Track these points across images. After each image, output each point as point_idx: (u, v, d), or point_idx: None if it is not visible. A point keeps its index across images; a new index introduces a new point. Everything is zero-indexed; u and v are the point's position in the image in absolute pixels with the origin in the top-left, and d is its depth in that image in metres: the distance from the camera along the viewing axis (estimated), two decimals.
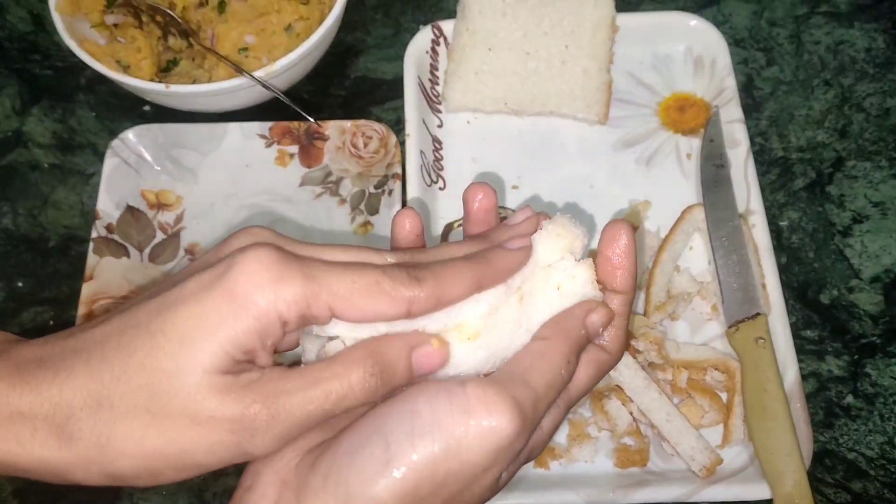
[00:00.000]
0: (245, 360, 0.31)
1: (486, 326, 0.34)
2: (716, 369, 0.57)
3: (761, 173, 0.65)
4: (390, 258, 0.34)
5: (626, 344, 0.39)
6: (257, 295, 0.30)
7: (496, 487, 0.35)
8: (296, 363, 0.34)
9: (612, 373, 0.56)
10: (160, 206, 0.65)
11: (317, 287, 0.31)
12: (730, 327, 0.58)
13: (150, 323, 0.31)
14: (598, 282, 0.37)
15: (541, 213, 0.38)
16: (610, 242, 0.37)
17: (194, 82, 0.64)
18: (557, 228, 0.37)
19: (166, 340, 0.30)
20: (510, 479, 0.36)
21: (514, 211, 0.39)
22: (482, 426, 0.31)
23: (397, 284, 0.32)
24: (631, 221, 0.63)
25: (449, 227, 0.64)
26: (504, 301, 0.35)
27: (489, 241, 0.37)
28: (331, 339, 0.33)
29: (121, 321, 0.31)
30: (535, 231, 0.37)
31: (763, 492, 0.53)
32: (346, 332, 0.33)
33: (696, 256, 0.63)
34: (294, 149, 0.67)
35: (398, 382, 0.33)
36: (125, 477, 0.31)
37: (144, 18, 0.66)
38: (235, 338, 0.30)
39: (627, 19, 0.70)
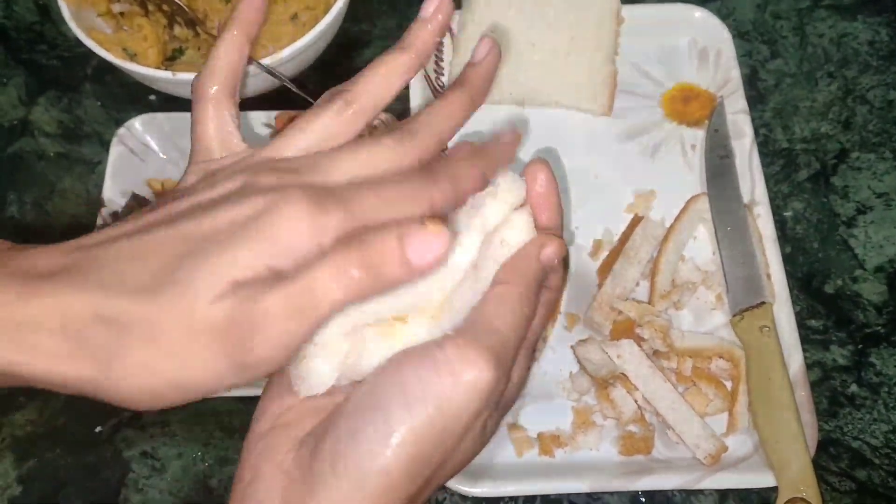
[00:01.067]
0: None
1: (447, 302, 0.36)
2: (721, 358, 0.58)
3: (766, 164, 0.66)
4: (408, 147, 0.36)
5: (565, 281, 0.44)
6: (291, 232, 0.31)
7: (484, 436, 0.37)
8: None
9: (617, 361, 0.56)
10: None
11: (353, 217, 0.32)
12: (734, 316, 0.58)
13: (171, 262, 0.31)
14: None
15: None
16: (531, 184, 0.39)
17: None
18: (506, 195, 0.38)
19: (183, 281, 0.30)
20: (497, 428, 0.39)
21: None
22: (467, 381, 0.33)
23: (420, 189, 0.34)
24: (635, 212, 0.64)
25: None
26: (461, 279, 0.36)
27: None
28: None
29: (138, 245, 0.32)
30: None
31: (768, 479, 0.53)
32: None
33: (700, 246, 0.63)
34: None
35: (392, 280, 0.32)
36: (128, 397, 0.31)
37: (150, 7, 0.66)
38: (251, 264, 0.31)
39: (632, 11, 0.70)
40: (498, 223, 0.37)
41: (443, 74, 0.70)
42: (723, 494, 0.56)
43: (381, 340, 0.35)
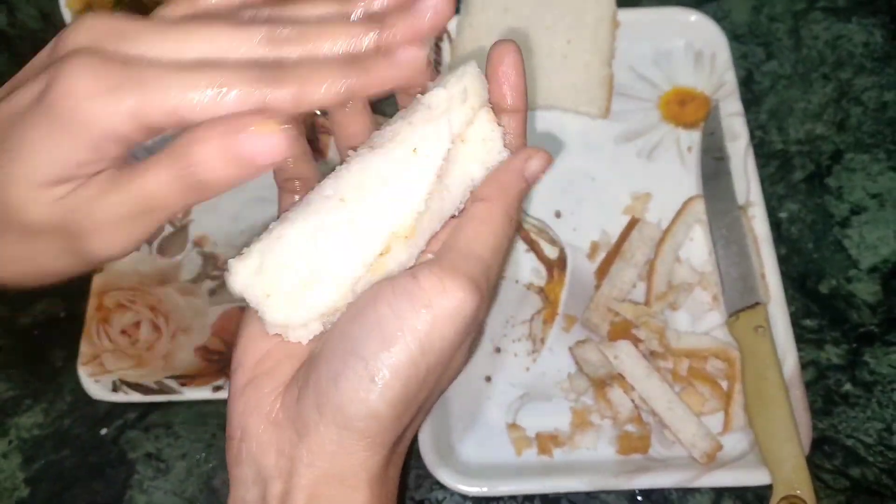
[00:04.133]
0: (87, 172, 0.30)
1: (418, 219, 0.34)
2: (716, 358, 0.58)
3: (761, 166, 0.66)
4: (256, 37, 0.30)
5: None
6: (81, 112, 0.28)
7: (467, 355, 0.37)
8: None
9: (614, 361, 0.57)
10: None
11: (152, 98, 0.28)
12: (730, 316, 0.59)
13: None
14: (492, 104, 0.37)
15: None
16: (498, 64, 0.36)
17: None
18: (474, 97, 0.35)
19: None
20: (478, 346, 0.39)
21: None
22: (446, 313, 0.32)
23: (249, 88, 0.29)
24: (632, 214, 0.65)
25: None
26: (428, 191, 0.35)
27: (380, 28, 0.32)
28: None
29: None
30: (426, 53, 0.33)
31: (763, 477, 0.54)
32: None
33: (696, 247, 0.63)
34: None
35: (220, 182, 0.29)
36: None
37: None
38: (63, 157, 0.29)
39: (628, 15, 0.70)
40: (462, 129, 0.35)
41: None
42: (719, 492, 0.56)
43: (369, 280, 0.34)
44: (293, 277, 0.33)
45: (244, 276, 0.34)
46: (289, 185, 0.40)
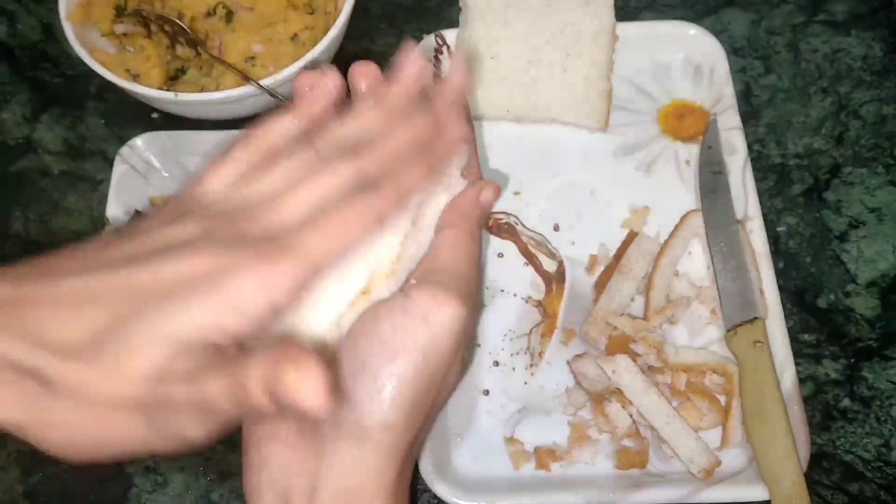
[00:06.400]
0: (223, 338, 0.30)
1: (397, 260, 0.38)
2: (714, 372, 0.58)
3: (759, 179, 0.66)
4: (342, 168, 0.35)
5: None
6: (250, 302, 0.30)
7: (463, 367, 0.41)
8: None
9: (612, 376, 0.57)
10: None
11: (303, 262, 0.32)
12: (728, 331, 0.59)
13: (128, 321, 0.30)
14: None
15: None
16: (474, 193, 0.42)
17: (202, 90, 0.65)
18: (454, 189, 0.42)
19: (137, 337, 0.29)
20: (471, 358, 0.44)
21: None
22: (443, 325, 0.35)
23: (365, 210, 0.34)
24: (630, 227, 0.65)
25: None
26: (407, 233, 0.38)
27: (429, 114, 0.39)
28: None
29: (82, 289, 0.30)
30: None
31: (761, 493, 0.54)
32: None
33: (694, 261, 0.63)
34: None
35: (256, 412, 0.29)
36: (54, 447, 0.30)
37: (153, 28, 0.67)
38: (214, 329, 0.30)
39: (627, 28, 0.71)
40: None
41: None
42: None
43: (353, 315, 0.37)
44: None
45: None
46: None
